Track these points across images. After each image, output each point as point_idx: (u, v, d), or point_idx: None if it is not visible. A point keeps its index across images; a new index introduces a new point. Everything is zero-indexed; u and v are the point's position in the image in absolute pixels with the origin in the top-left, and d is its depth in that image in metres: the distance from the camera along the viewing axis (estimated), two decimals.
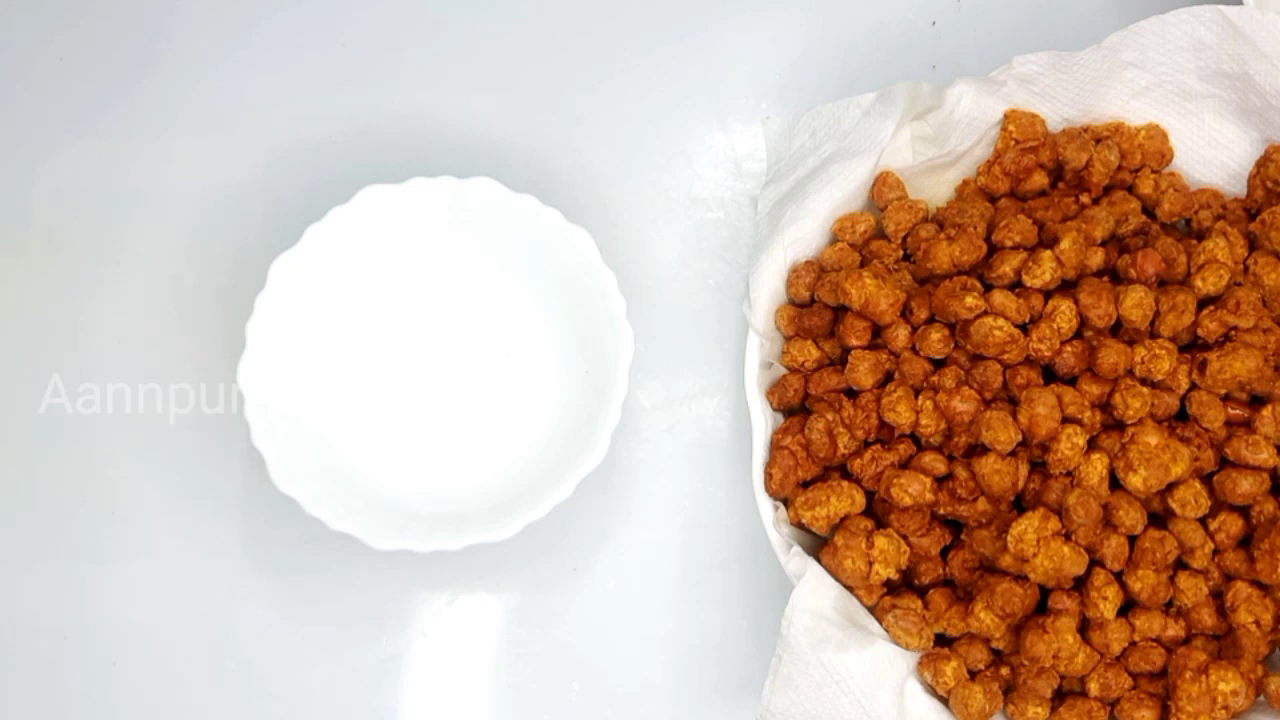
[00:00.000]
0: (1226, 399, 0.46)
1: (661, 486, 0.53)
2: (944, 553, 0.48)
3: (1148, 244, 0.48)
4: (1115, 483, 0.44)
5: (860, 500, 0.47)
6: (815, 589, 0.45)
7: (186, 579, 0.52)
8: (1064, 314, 0.46)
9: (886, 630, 0.46)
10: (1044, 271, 0.46)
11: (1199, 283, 0.46)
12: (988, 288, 0.47)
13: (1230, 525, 0.45)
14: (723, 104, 0.58)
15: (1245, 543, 0.45)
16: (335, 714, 0.51)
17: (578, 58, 0.59)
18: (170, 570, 0.52)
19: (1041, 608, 0.46)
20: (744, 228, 0.56)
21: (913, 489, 0.45)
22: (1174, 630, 0.45)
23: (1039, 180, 0.52)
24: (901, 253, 0.51)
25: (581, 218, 0.50)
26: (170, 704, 0.51)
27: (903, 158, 0.52)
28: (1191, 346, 0.47)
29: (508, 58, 0.59)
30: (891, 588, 0.48)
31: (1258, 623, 0.44)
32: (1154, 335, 0.46)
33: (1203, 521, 0.45)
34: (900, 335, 0.47)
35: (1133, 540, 0.45)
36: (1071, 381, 0.46)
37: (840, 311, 0.49)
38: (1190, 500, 0.44)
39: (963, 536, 0.47)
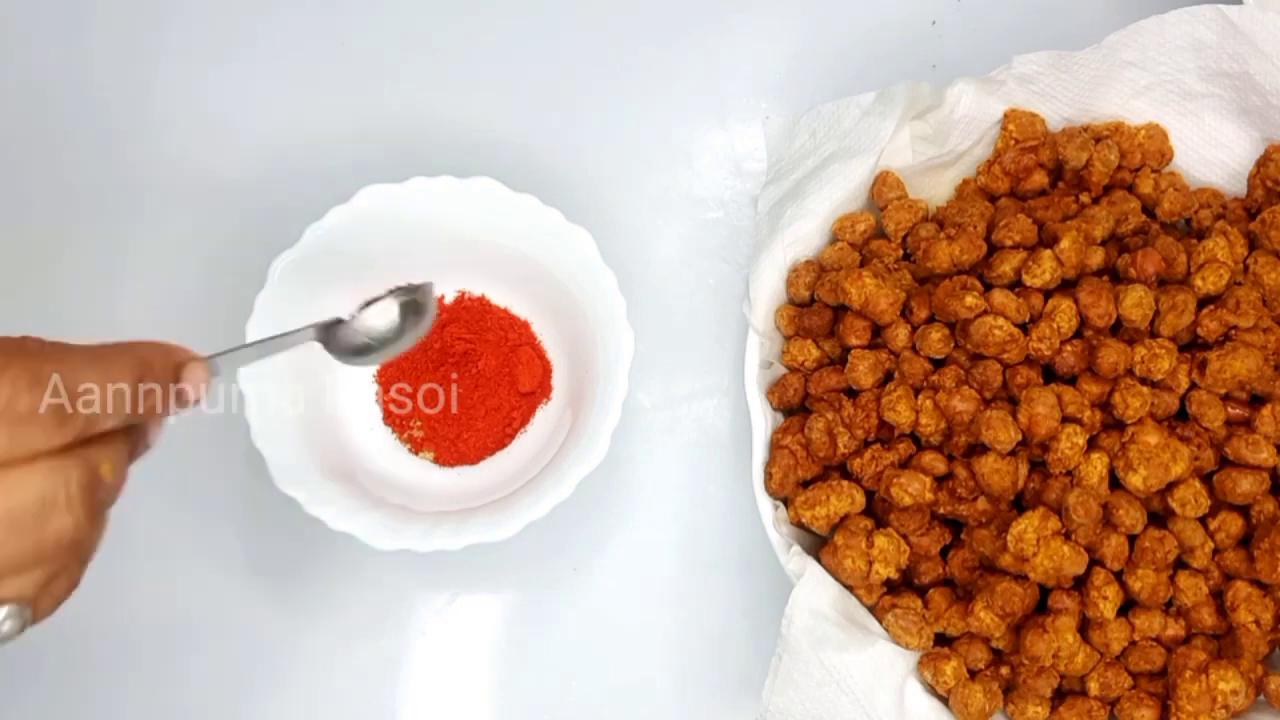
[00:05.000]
0: (1226, 398, 0.46)
1: (661, 486, 0.53)
2: (944, 552, 0.48)
3: (1148, 243, 0.47)
4: (1115, 482, 0.44)
5: (860, 500, 0.47)
6: (815, 588, 0.45)
7: (186, 579, 0.52)
8: (1064, 313, 0.45)
9: (886, 630, 0.46)
10: (1044, 271, 0.46)
11: (1199, 282, 0.46)
12: (988, 287, 0.47)
13: (1230, 525, 0.45)
14: (723, 104, 0.58)
15: (1245, 542, 0.45)
16: (335, 714, 0.51)
17: (578, 58, 0.59)
18: (170, 570, 0.52)
19: (1041, 607, 0.46)
20: (744, 228, 0.56)
21: (913, 488, 0.45)
22: (1174, 630, 0.45)
23: (1039, 180, 0.52)
24: (901, 252, 0.51)
25: (581, 218, 0.50)
26: (171, 703, 0.51)
27: (903, 157, 0.52)
28: (1191, 346, 0.47)
29: (508, 58, 0.59)
30: (891, 587, 0.48)
31: (1258, 622, 0.44)
32: (1154, 335, 0.46)
33: (1203, 521, 0.45)
34: (900, 335, 0.47)
35: (1133, 540, 0.45)
36: (1071, 381, 0.46)
37: (840, 311, 0.49)
38: (1190, 500, 0.44)
39: (963, 536, 0.47)
